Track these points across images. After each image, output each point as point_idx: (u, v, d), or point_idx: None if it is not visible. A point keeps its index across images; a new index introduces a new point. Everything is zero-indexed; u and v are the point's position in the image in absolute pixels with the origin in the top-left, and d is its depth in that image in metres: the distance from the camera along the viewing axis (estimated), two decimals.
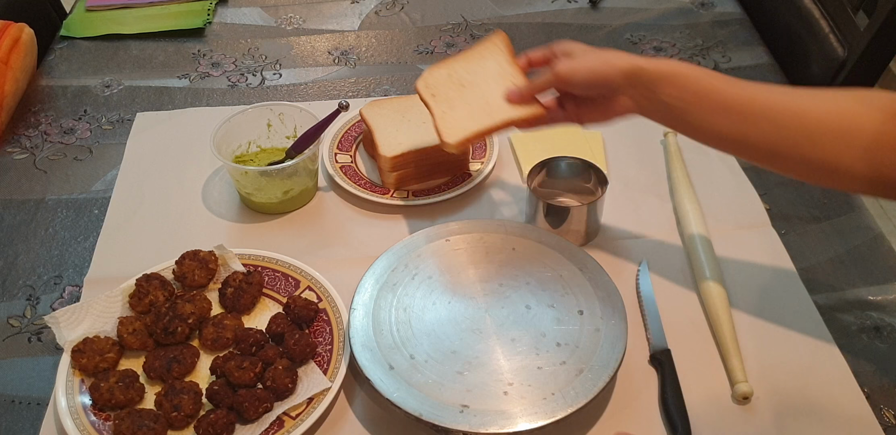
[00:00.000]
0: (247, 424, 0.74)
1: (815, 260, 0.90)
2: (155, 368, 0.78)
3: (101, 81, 1.18)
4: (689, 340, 0.82)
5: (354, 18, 1.29)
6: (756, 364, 0.79)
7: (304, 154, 0.93)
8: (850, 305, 0.86)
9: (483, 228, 0.86)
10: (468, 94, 0.83)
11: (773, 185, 0.99)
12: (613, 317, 0.77)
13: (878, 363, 0.80)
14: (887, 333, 0.83)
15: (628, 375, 0.79)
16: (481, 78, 0.84)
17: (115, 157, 1.06)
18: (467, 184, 0.97)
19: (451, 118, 0.81)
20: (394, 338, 0.76)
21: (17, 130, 1.11)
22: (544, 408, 0.70)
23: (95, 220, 0.98)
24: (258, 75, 1.19)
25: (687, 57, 1.18)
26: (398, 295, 0.80)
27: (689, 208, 0.93)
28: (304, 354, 0.78)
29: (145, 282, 0.83)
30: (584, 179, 0.92)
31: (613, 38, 1.23)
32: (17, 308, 0.89)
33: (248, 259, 0.88)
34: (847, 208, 0.96)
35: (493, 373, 0.73)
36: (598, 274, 0.81)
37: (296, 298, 0.82)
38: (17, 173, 1.05)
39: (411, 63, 1.20)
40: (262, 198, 0.95)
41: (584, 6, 1.29)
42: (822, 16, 1.13)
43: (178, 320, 0.80)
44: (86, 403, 0.76)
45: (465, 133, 0.80)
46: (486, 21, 1.28)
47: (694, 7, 1.29)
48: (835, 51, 1.09)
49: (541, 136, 1.04)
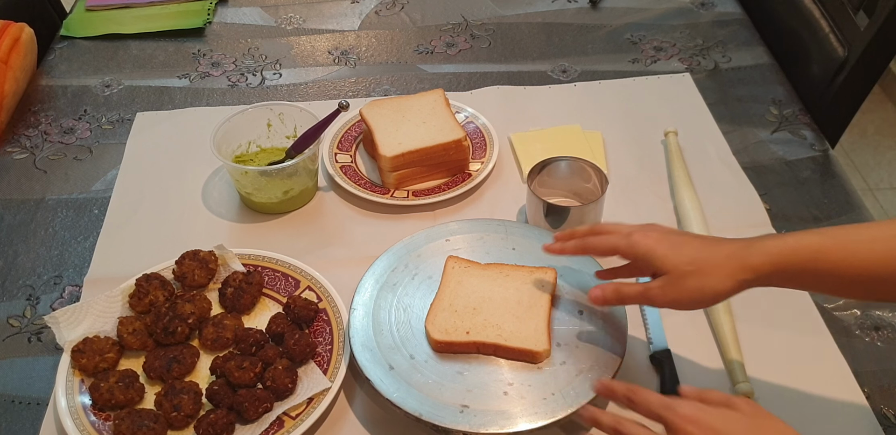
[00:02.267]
0: (247, 424, 0.74)
1: None
2: (155, 368, 0.78)
3: (101, 81, 1.18)
4: (689, 340, 0.82)
5: (354, 18, 1.29)
6: (756, 364, 0.79)
7: (304, 154, 0.93)
8: (850, 305, 0.85)
9: (483, 228, 0.86)
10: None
11: (773, 186, 0.99)
12: (613, 317, 0.77)
13: (878, 363, 0.80)
14: (887, 333, 0.83)
15: (628, 375, 0.78)
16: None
17: (115, 157, 1.06)
18: (467, 184, 0.97)
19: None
20: (394, 338, 0.76)
21: (17, 130, 1.11)
22: (544, 408, 0.70)
23: (95, 220, 0.98)
24: (258, 75, 1.19)
25: (687, 57, 1.18)
26: (398, 295, 0.80)
27: (689, 208, 0.93)
28: (304, 354, 0.78)
29: (145, 282, 0.83)
30: (584, 179, 0.91)
31: (613, 38, 1.23)
32: (17, 308, 0.89)
33: (248, 259, 0.88)
34: (847, 208, 0.96)
35: (493, 373, 0.73)
36: None
37: (296, 298, 0.82)
38: (17, 173, 1.05)
39: (411, 63, 1.20)
40: (262, 198, 0.95)
41: (584, 6, 1.29)
42: (822, 16, 1.13)
43: (178, 320, 0.80)
44: (86, 403, 0.76)
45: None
46: (486, 21, 1.28)
47: (694, 7, 1.28)
48: (835, 51, 1.08)
49: (541, 136, 1.04)
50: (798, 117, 1.08)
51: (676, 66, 1.17)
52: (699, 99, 1.11)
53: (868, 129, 2.26)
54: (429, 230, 0.86)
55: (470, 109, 1.06)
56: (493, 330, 0.75)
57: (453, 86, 1.15)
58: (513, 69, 1.18)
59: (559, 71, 1.17)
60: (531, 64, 1.19)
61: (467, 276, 0.80)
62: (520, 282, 0.79)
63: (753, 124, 1.07)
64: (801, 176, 1.00)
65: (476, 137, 1.02)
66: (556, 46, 1.22)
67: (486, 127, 1.04)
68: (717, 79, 1.15)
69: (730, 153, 1.02)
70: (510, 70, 1.18)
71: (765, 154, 1.03)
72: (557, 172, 0.92)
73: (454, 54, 1.21)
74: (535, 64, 1.19)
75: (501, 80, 1.16)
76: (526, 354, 0.73)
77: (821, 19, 1.13)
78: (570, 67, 1.18)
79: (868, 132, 2.25)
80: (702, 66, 1.17)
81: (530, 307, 0.77)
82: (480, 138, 1.02)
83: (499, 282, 0.79)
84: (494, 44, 1.23)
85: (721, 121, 1.07)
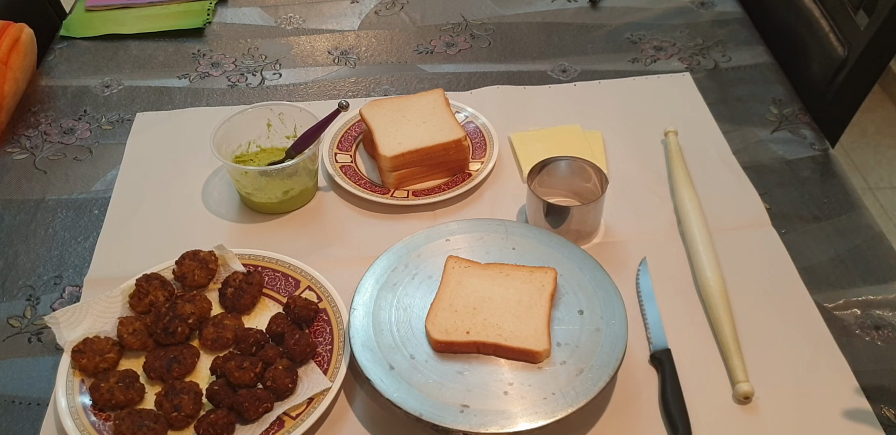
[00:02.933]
0: (247, 425, 0.74)
1: (815, 260, 0.90)
2: (155, 369, 0.78)
3: (101, 81, 1.18)
4: (689, 340, 0.82)
5: (354, 18, 1.29)
6: (756, 364, 0.79)
7: (304, 154, 0.93)
8: (850, 305, 0.85)
9: (483, 228, 0.86)
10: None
11: (773, 186, 0.99)
12: (613, 317, 0.77)
13: (878, 363, 0.80)
14: (887, 333, 0.83)
15: (628, 375, 0.79)
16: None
17: (115, 157, 1.06)
18: (467, 184, 0.97)
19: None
20: (394, 338, 0.76)
21: (17, 130, 1.11)
22: (544, 408, 0.70)
23: (95, 220, 0.98)
24: (258, 75, 1.19)
25: (687, 56, 1.18)
26: (398, 295, 0.80)
27: (689, 208, 0.93)
28: (304, 354, 0.78)
29: (145, 282, 0.83)
30: (584, 179, 0.91)
31: (613, 37, 1.23)
32: (17, 308, 0.89)
33: (248, 259, 0.88)
34: (847, 208, 0.96)
35: (493, 373, 0.73)
36: (598, 274, 0.81)
37: (296, 298, 0.82)
38: (17, 173, 1.05)
39: (411, 63, 1.20)
40: (262, 198, 0.95)
41: (584, 6, 1.29)
42: (822, 15, 1.13)
43: (178, 320, 0.80)
44: (86, 404, 0.76)
45: None
46: (486, 21, 1.28)
47: (694, 6, 1.28)
48: (835, 50, 1.08)
49: (541, 135, 1.04)
50: (798, 117, 1.08)
51: (676, 66, 1.17)
52: (699, 98, 1.11)
53: (868, 128, 2.26)
54: (429, 230, 0.86)
55: (470, 109, 1.06)
56: (493, 330, 0.75)
57: (453, 86, 1.15)
58: (513, 69, 1.18)
59: (559, 71, 1.17)
60: (531, 64, 1.19)
61: (467, 276, 0.80)
62: (520, 282, 0.79)
63: (753, 124, 1.07)
64: (801, 175, 1.00)
65: (476, 137, 1.03)
66: (556, 46, 1.22)
67: (486, 127, 1.04)
68: (717, 78, 1.15)
69: (730, 153, 1.02)
70: (510, 70, 1.18)
71: (765, 154, 1.03)
72: (557, 172, 0.92)
73: (454, 54, 1.21)
74: (534, 64, 1.19)
75: (501, 79, 1.16)
76: (526, 353, 0.74)
77: (821, 19, 1.13)
78: (569, 67, 1.18)
79: (868, 131, 2.25)
80: (702, 66, 1.17)
81: (530, 307, 0.77)
82: (480, 138, 1.03)
83: (499, 282, 0.79)
84: (494, 44, 1.23)
85: (721, 120, 1.07)
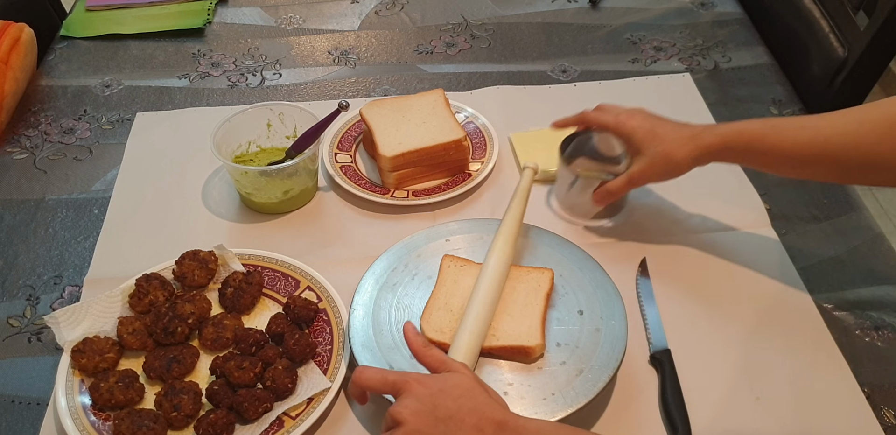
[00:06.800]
0: (247, 424, 0.74)
1: (815, 260, 0.90)
2: (155, 368, 0.78)
3: (101, 81, 1.18)
4: (689, 340, 0.82)
5: (354, 18, 1.29)
6: (756, 364, 0.79)
7: (304, 154, 0.93)
8: (850, 305, 0.85)
9: (483, 228, 0.86)
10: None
11: (773, 186, 0.99)
12: (613, 317, 0.77)
13: (878, 363, 0.80)
14: (887, 334, 0.83)
15: (628, 375, 0.78)
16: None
17: (115, 157, 1.06)
18: (467, 184, 0.97)
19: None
20: (394, 338, 0.76)
21: (17, 130, 1.11)
22: (544, 408, 0.70)
23: (95, 220, 0.98)
24: (258, 75, 1.19)
25: (687, 57, 1.18)
26: (398, 295, 0.80)
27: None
28: (304, 354, 0.78)
29: (145, 282, 0.83)
30: (610, 152, 0.90)
31: (613, 38, 1.23)
32: (17, 308, 0.89)
33: (248, 259, 0.88)
34: (847, 208, 0.96)
35: (493, 373, 0.73)
36: (598, 274, 0.81)
37: (296, 298, 0.82)
38: (17, 173, 1.05)
39: (411, 63, 1.20)
40: (262, 198, 0.95)
41: (584, 6, 1.29)
42: (823, 16, 1.13)
43: (178, 320, 0.80)
44: (86, 403, 0.76)
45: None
46: (486, 21, 1.28)
47: (694, 7, 1.29)
48: (835, 51, 1.09)
49: (541, 135, 1.04)
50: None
51: (676, 66, 1.17)
52: (699, 99, 1.11)
53: None
54: (429, 230, 0.86)
55: (470, 109, 1.06)
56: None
57: (453, 86, 1.15)
58: (513, 69, 1.18)
59: (559, 71, 1.17)
60: (531, 64, 1.19)
61: (463, 275, 0.80)
62: (516, 281, 0.79)
63: None
64: None
65: (476, 137, 1.03)
66: (556, 46, 1.22)
67: (486, 127, 1.04)
68: (717, 79, 1.15)
69: None
70: (510, 70, 1.18)
71: None
72: (585, 147, 0.91)
73: (454, 54, 1.21)
74: (534, 64, 1.19)
75: (501, 80, 1.16)
76: (519, 350, 0.73)
77: (821, 19, 1.13)
78: (570, 67, 1.18)
79: None
80: (702, 66, 1.17)
81: (525, 306, 0.77)
82: (480, 138, 1.03)
83: None
84: (494, 44, 1.23)
85: (721, 121, 1.07)
